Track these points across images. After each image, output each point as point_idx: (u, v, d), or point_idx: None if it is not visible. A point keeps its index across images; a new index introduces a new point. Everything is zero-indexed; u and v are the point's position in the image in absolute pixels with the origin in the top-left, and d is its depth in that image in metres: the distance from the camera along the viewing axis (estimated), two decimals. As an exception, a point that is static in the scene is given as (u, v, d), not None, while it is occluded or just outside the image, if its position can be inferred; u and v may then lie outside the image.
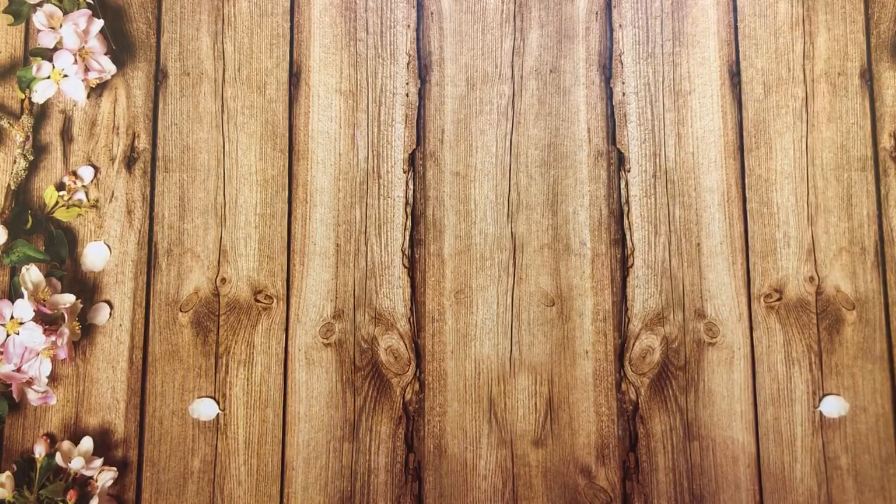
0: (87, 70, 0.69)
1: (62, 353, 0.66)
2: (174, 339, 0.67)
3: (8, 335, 0.65)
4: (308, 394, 0.67)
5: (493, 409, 0.66)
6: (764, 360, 0.66)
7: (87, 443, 0.66)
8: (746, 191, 0.69)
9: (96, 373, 0.67)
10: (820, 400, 0.66)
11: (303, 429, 0.67)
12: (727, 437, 0.65)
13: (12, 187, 0.68)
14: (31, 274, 0.67)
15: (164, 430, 0.66)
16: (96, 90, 0.71)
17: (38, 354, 0.66)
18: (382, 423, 0.67)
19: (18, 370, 0.65)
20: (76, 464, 0.65)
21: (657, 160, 0.69)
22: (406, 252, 0.69)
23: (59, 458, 0.65)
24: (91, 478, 0.65)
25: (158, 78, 0.71)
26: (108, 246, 0.69)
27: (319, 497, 0.66)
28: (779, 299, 0.67)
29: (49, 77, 0.69)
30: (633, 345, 0.67)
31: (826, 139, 0.70)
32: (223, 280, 0.68)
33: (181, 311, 0.68)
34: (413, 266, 0.68)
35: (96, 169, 0.70)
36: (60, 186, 0.69)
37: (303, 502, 0.66)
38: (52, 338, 0.65)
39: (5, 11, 0.70)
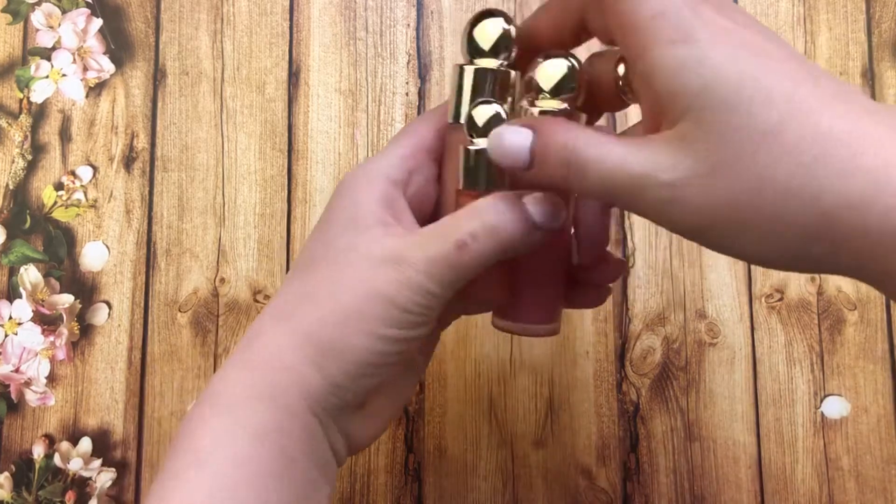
0: (85, 69, 0.69)
1: (61, 354, 0.65)
2: (173, 340, 0.67)
3: (6, 335, 0.65)
4: (307, 394, 0.67)
5: (493, 410, 0.66)
6: (765, 360, 0.66)
7: (85, 444, 0.65)
8: (747, 191, 0.69)
9: (95, 373, 0.67)
10: (821, 401, 0.65)
11: (302, 429, 0.66)
12: (728, 438, 0.65)
13: (10, 187, 0.68)
14: (30, 274, 0.66)
15: (163, 431, 0.66)
16: (95, 89, 0.70)
17: (36, 355, 0.65)
18: (382, 423, 0.66)
19: (17, 370, 0.65)
20: (75, 465, 0.65)
21: (658, 160, 0.69)
22: (406, 252, 0.68)
23: (57, 459, 0.65)
24: (90, 479, 0.65)
25: (157, 77, 0.71)
26: (106, 246, 0.68)
27: (319, 498, 0.66)
28: (780, 300, 0.67)
29: (47, 76, 0.68)
30: (634, 345, 0.66)
31: (827, 139, 0.69)
32: (222, 280, 0.68)
33: (180, 311, 0.67)
34: (413, 266, 0.68)
35: (95, 169, 0.69)
36: (59, 186, 0.69)
37: (302, 503, 0.66)
38: (51, 338, 0.65)
39: (3, 10, 0.70)
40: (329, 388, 0.40)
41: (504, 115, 0.41)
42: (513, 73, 0.42)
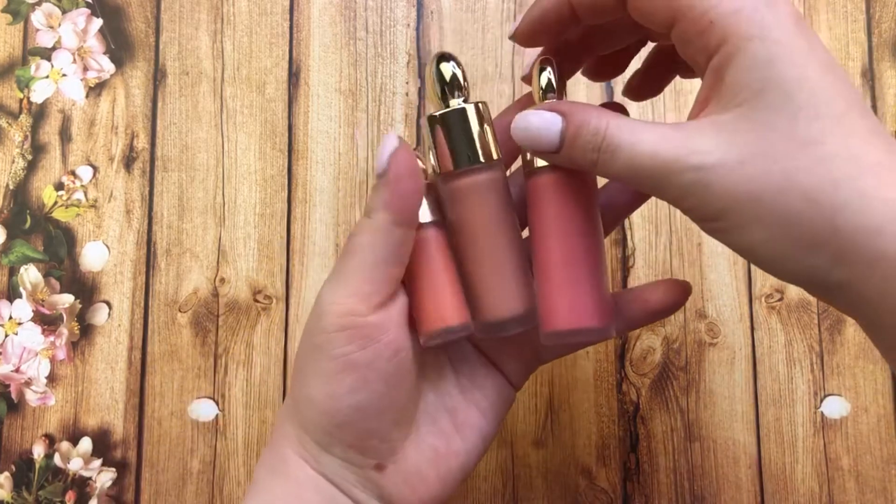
0: (85, 69, 0.69)
1: (61, 354, 0.65)
2: (173, 340, 0.67)
3: (6, 335, 0.65)
4: (307, 394, 0.67)
5: (493, 410, 0.66)
6: (765, 360, 0.66)
7: (85, 443, 0.65)
8: (748, 191, 0.69)
9: (95, 373, 0.67)
10: (821, 401, 0.65)
11: (302, 429, 0.66)
12: (728, 438, 0.65)
13: (10, 187, 0.68)
14: (30, 274, 0.66)
15: (163, 430, 0.66)
16: (95, 89, 0.70)
17: (36, 355, 0.65)
18: (382, 423, 0.66)
19: (17, 370, 0.65)
20: (75, 465, 0.65)
21: (658, 160, 0.69)
22: (406, 252, 0.68)
23: (57, 459, 0.65)
24: (90, 479, 0.65)
25: (157, 77, 0.71)
26: (106, 246, 0.68)
27: (319, 498, 0.66)
28: (780, 300, 0.67)
29: (48, 76, 0.68)
30: (634, 345, 0.66)
31: (827, 139, 0.69)
32: (222, 280, 0.68)
33: (180, 311, 0.67)
34: (413, 266, 0.68)
35: (95, 168, 0.69)
36: (59, 186, 0.69)
37: (302, 503, 0.66)
38: (51, 338, 0.65)
39: (3, 10, 0.70)
40: (313, 442, 0.42)
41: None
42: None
